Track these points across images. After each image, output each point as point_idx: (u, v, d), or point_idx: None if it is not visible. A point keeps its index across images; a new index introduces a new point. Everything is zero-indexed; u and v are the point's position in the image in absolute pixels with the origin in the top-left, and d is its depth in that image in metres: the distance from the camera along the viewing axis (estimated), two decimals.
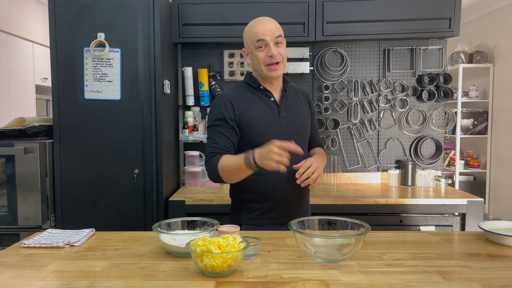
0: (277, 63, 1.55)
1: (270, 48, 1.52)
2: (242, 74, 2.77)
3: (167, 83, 2.36)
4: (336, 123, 2.80)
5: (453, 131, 4.74)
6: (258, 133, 1.55)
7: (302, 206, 1.67)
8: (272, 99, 1.61)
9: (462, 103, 4.71)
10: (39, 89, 4.31)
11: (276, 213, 1.60)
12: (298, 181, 1.46)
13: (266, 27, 1.53)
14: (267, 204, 1.59)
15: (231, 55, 2.78)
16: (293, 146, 1.34)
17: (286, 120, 1.60)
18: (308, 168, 1.46)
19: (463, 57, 4.63)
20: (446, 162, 4.91)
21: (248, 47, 1.60)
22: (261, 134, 1.55)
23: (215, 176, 1.51)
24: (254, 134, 1.56)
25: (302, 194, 1.65)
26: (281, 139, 1.47)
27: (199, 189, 2.61)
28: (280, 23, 2.19)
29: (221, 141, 1.53)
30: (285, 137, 1.53)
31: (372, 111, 2.83)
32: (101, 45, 2.21)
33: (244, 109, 1.56)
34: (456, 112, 4.56)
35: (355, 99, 2.81)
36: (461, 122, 4.67)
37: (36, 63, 4.20)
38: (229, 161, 1.47)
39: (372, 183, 2.84)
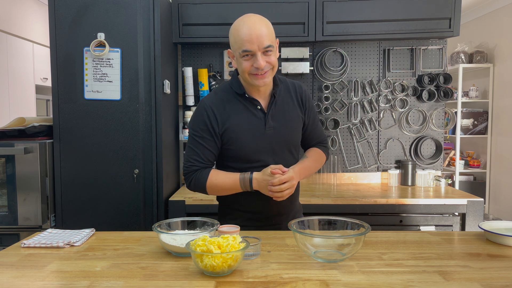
0: (265, 72, 1.40)
1: (256, 59, 1.36)
2: None
3: (167, 83, 2.36)
4: (336, 123, 2.80)
5: (453, 131, 4.74)
6: (242, 147, 1.46)
7: (288, 215, 1.58)
8: (259, 107, 1.48)
9: (462, 103, 4.71)
10: (39, 89, 4.31)
11: (259, 222, 1.55)
12: (269, 190, 1.40)
13: (253, 34, 1.34)
14: (248, 215, 1.55)
15: None
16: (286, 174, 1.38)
17: (274, 130, 1.49)
18: (283, 183, 1.38)
19: (463, 57, 4.63)
20: (446, 162, 4.91)
21: (234, 51, 1.43)
22: (246, 148, 1.46)
23: (199, 189, 1.49)
24: (238, 148, 1.46)
25: (290, 203, 1.56)
26: (266, 150, 1.49)
27: None
28: (280, 23, 2.13)
29: (203, 154, 1.47)
30: (270, 148, 1.49)
31: (372, 111, 2.83)
32: (101, 45, 2.21)
33: (227, 120, 1.46)
34: (456, 112, 4.56)
35: (355, 99, 2.81)
36: (461, 122, 4.67)
37: (36, 63, 4.20)
38: (220, 180, 1.45)
39: (372, 183, 2.84)
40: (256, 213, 1.55)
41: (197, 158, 1.47)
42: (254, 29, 1.36)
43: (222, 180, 1.45)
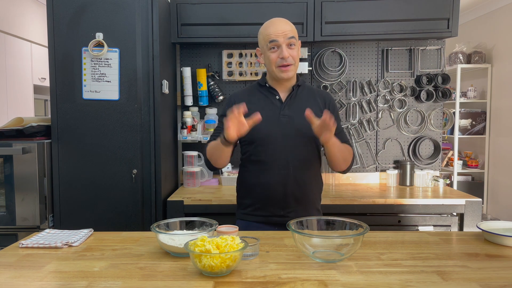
0: (289, 65, 1.56)
1: (282, 50, 1.54)
2: (240, 74, 2.77)
3: (165, 83, 2.35)
4: None
5: (451, 131, 4.75)
6: (256, 129, 1.52)
7: (298, 208, 1.62)
8: (277, 97, 1.63)
9: (460, 103, 4.72)
10: (37, 89, 4.30)
11: (267, 211, 1.61)
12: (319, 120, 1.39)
13: (279, 29, 1.54)
14: (258, 203, 1.62)
15: (230, 55, 2.78)
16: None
17: (288, 118, 1.60)
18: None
19: (461, 57, 4.64)
20: (445, 163, 4.92)
21: (262, 47, 1.62)
22: (258, 131, 1.55)
23: (206, 160, 1.65)
24: (252, 130, 1.51)
25: (299, 196, 1.61)
26: (280, 136, 1.60)
27: (198, 189, 2.61)
28: None
29: (219, 135, 1.57)
30: (284, 135, 1.59)
31: (370, 111, 2.83)
32: (99, 45, 2.21)
33: (247, 105, 1.52)
34: (454, 113, 4.57)
35: (353, 99, 2.82)
36: (459, 122, 4.68)
37: (34, 63, 4.19)
38: (211, 145, 1.60)
39: (371, 183, 2.84)
40: (265, 198, 1.61)
41: (212, 138, 1.64)
42: (280, 25, 1.56)
43: (212, 143, 1.60)
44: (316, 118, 1.42)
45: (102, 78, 2.22)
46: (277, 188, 1.59)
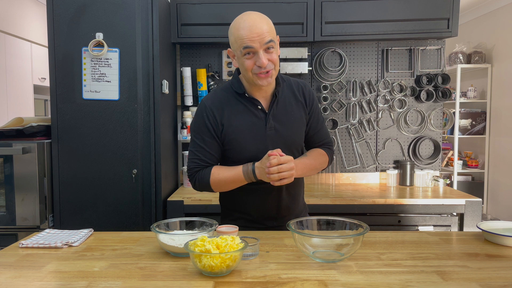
0: (268, 71, 1.36)
1: (259, 57, 1.33)
2: None
3: (165, 83, 2.35)
4: (334, 123, 2.80)
5: (451, 131, 4.75)
6: (242, 148, 1.43)
7: (291, 214, 1.56)
8: (260, 107, 1.45)
9: (460, 103, 4.72)
10: (37, 89, 4.30)
11: (261, 224, 1.54)
12: (266, 173, 1.33)
13: (254, 32, 1.32)
14: (251, 216, 1.54)
15: None
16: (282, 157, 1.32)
17: (274, 130, 1.45)
18: (281, 164, 1.31)
19: (461, 57, 4.64)
20: (445, 163, 4.92)
21: (234, 51, 1.40)
22: (246, 149, 1.43)
23: (204, 187, 1.47)
24: (238, 149, 1.44)
25: (292, 205, 1.56)
26: (267, 152, 1.40)
27: None
28: (279, 23, 2.16)
29: (205, 156, 1.45)
30: (272, 149, 1.41)
31: (370, 111, 2.83)
32: (99, 45, 2.21)
33: (227, 121, 1.43)
34: (454, 113, 4.57)
35: (353, 99, 2.82)
36: (459, 122, 4.68)
37: (34, 63, 4.19)
38: (223, 174, 1.43)
39: (371, 183, 2.84)
40: (257, 214, 1.52)
41: (198, 161, 1.46)
42: (254, 26, 1.33)
43: (225, 174, 1.42)
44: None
45: (102, 78, 2.22)
46: (272, 204, 1.51)
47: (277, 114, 1.47)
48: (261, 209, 1.52)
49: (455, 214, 2.37)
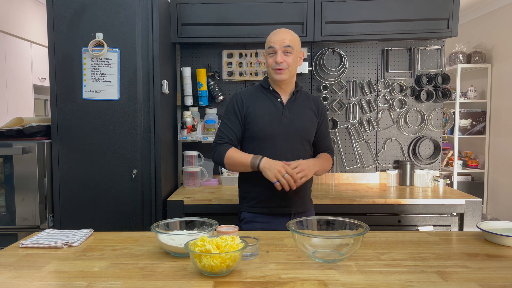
0: (281, 69, 1.72)
1: (277, 56, 1.72)
2: (240, 74, 2.77)
3: (165, 83, 2.35)
4: (334, 123, 2.80)
5: (451, 131, 4.75)
6: (260, 128, 1.75)
7: (297, 200, 1.79)
8: (279, 99, 1.80)
9: (460, 103, 4.72)
10: (37, 89, 4.30)
11: (271, 202, 1.76)
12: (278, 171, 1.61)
13: (278, 37, 1.73)
14: (262, 196, 1.77)
15: (230, 55, 2.78)
16: (297, 180, 1.60)
17: (289, 119, 1.77)
18: (295, 170, 1.62)
19: (461, 57, 4.64)
20: (444, 163, 4.92)
21: (265, 52, 1.82)
22: (263, 129, 1.75)
23: (219, 162, 1.76)
24: (256, 129, 1.76)
25: (298, 190, 1.70)
26: (281, 136, 1.76)
27: (198, 189, 2.61)
28: (279, 24, 2.26)
29: (228, 133, 1.78)
30: (285, 135, 1.76)
31: (370, 111, 2.83)
32: (99, 45, 2.21)
33: (251, 106, 1.78)
34: (454, 113, 4.57)
35: (353, 99, 2.82)
36: (459, 122, 4.68)
37: (34, 63, 4.19)
38: (236, 155, 1.72)
39: (371, 183, 2.84)
40: (269, 196, 1.76)
41: (222, 135, 1.78)
42: (279, 33, 1.75)
43: (238, 155, 1.72)
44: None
45: (102, 78, 2.22)
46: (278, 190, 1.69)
47: (293, 108, 1.80)
48: (272, 187, 1.68)
49: (455, 214, 2.37)
